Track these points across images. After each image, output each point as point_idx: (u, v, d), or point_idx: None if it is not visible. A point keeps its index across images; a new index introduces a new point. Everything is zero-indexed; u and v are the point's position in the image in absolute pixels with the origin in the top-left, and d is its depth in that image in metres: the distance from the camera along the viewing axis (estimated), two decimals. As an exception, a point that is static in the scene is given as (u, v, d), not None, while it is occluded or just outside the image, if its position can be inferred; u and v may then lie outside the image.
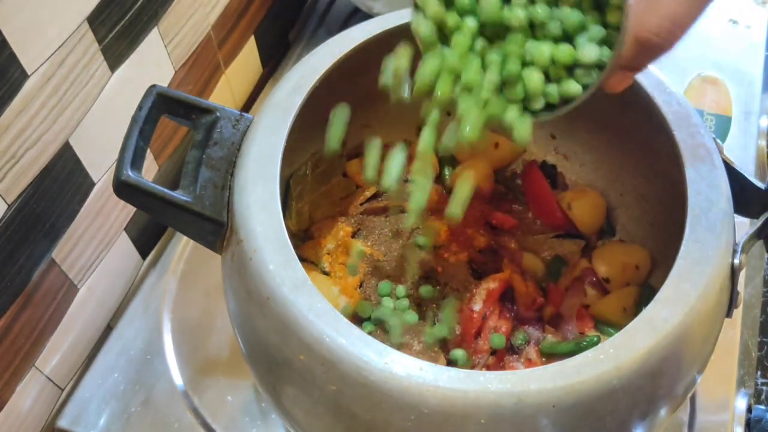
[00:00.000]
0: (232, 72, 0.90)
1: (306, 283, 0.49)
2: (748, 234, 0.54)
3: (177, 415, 0.70)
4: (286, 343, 0.49)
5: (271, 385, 0.53)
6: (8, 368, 0.65)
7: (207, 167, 0.55)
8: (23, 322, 0.65)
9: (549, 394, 0.45)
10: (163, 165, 0.80)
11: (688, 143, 0.56)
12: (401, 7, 0.65)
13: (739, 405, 0.70)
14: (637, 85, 0.59)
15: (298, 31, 1.04)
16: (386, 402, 0.46)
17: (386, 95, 0.53)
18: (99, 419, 0.70)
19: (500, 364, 0.63)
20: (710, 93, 0.94)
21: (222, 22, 0.84)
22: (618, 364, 0.46)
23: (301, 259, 0.51)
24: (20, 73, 0.57)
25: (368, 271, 0.67)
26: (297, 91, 0.58)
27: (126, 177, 0.53)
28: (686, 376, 0.52)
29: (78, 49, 0.63)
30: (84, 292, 0.73)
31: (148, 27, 0.71)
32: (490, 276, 0.65)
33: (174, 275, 0.79)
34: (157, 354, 0.74)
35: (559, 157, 0.76)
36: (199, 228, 0.55)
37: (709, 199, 0.53)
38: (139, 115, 0.55)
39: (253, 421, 0.70)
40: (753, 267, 0.82)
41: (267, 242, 0.51)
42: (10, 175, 0.59)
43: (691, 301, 0.49)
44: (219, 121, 0.57)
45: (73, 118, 0.65)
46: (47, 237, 0.66)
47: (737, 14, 1.02)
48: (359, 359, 0.46)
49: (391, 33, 0.62)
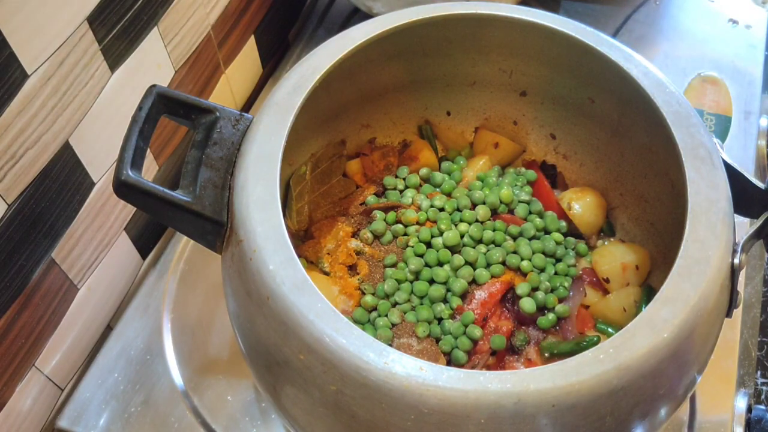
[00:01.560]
0: (232, 72, 0.90)
1: (306, 283, 0.49)
2: (748, 234, 0.54)
3: (177, 415, 0.70)
4: (286, 343, 0.49)
5: (271, 385, 0.53)
6: (8, 368, 0.65)
7: (207, 167, 0.55)
8: (23, 322, 0.65)
9: (549, 394, 0.45)
10: (163, 165, 0.81)
11: (688, 143, 0.56)
12: (401, 7, 0.65)
13: (739, 405, 0.70)
14: (637, 85, 0.59)
15: (298, 31, 1.04)
16: (386, 402, 0.46)
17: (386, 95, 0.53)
18: (99, 419, 0.70)
19: (500, 364, 0.63)
20: (710, 93, 0.94)
21: (222, 22, 0.84)
22: (618, 364, 0.46)
23: (301, 259, 0.51)
24: (20, 73, 0.57)
25: (368, 271, 0.67)
26: (297, 91, 0.58)
27: (126, 177, 0.53)
28: (686, 376, 0.52)
29: (78, 49, 0.63)
30: (84, 292, 0.73)
31: (148, 27, 0.71)
32: (492, 278, 0.65)
33: (174, 275, 0.79)
34: (157, 354, 0.74)
35: (559, 157, 0.76)
36: (199, 228, 0.55)
37: (709, 199, 0.53)
38: (139, 115, 0.55)
39: (253, 421, 0.70)
40: (753, 267, 0.82)
41: (267, 242, 0.51)
42: (10, 175, 0.59)
43: (691, 301, 0.49)
44: (219, 121, 0.57)
45: (73, 118, 0.65)
46: (47, 237, 0.66)
47: (737, 14, 1.02)
48: (359, 359, 0.46)
49: (391, 33, 0.62)
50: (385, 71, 0.71)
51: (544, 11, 0.65)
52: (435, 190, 0.72)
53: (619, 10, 1.04)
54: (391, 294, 0.64)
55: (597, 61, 0.62)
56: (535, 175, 0.73)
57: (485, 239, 0.67)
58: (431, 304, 0.64)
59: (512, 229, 0.68)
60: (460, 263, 0.65)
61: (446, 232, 0.66)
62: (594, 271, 0.69)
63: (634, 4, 1.05)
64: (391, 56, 0.70)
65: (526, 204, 0.70)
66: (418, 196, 0.70)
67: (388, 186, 0.72)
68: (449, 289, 0.64)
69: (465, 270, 0.65)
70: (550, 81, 0.71)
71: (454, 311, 0.63)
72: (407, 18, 0.63)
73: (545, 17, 0.64)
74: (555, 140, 0.75)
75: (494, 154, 0.75)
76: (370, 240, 0.68)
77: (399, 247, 0.67)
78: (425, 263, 0.65)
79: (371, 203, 0.71)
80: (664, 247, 0.67)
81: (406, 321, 0.63)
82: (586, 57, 0.63)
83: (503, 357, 0.63)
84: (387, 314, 0.63)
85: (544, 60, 0.69)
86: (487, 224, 0.68)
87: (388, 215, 0.69)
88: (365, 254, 0.67)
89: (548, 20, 0.64)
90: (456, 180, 0.72)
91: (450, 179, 0.72)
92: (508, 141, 0.75)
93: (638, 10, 1.04)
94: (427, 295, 0.64)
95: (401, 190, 0.72)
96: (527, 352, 0.63)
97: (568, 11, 1.03)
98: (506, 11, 0.65)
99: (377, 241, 0.68)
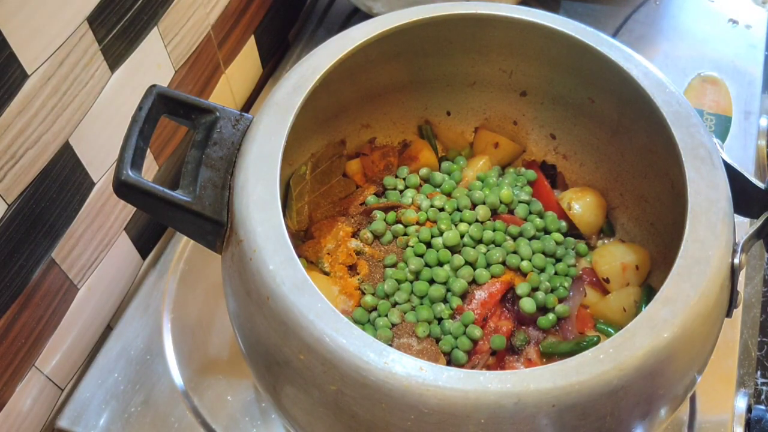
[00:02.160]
0: (232, 72, 0.90)
1: (306, 283, 0.49)
2: (748, 234, 0.54)
3: (177, 415, 0.70)
4: (286, 343, 0.49)
5: (271, 385, 0.53)
6: (8, 368, 0.65)
7: (207, 167, 0.55)
8: (23, 322, 0.65)
9: (549, 394, 0.45)
10: (163, 165, 0.80)
11: (688, 143, 0.56)
12: (401, 7, 0.65)
13: (739, 405, 0.70)
14: (637, 85, 0.59)
15: (298, 31, 1.04)
16: (386, 402, 0.46)
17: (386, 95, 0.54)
18: (99, 419, 0.70)
19: (500, 364, 0.63)
20: (710, 93, 0.94)
21: (222, 22, 0.84)
22: (618, 364, 0.46)
23: (301, 259, 0.51)
24: (20, 73, 0.57)
25: (368, 271, 0.67)
26: (297, 91, 0.58)
27: (126, 177, 0.53)
28: (686, 376, 0.52)
29: (78, 49, 0.63)
30: (84, 292, 0.73)
31: (148, 27, 0.71)
32: (492, 278, 0.65)
33: (174, 275, 0.79)
34: (157, 354, 0.74)
35: (559, 157, 0.76)
36: (199, 228, 0.55)
37: (709, 199, 0.53)
38: (139, 115, 0.55)
39: (253, 421, 0.70)
40: (753, 267, 0.82)
41: (267, 242, 0.51)
42: (10, 175, 0.59)
43: (691, 301, 0.49)
44: (219, 121, 0.57)
45: (73, 118, 0.65)
46: (47, 237, 0.66)
47: (737, 14, 1.02)
48: (359, 359, 0.46)
49: (391, 33, 0.62)
50: (385, 71, 0.71)
51: (544, 11, 0.65)
52: (435, 190, 0.72)
53: (619, 10, 1.04)
54: (391, 294, 0.64)
55: (597, 61, 0.62)
56: (535, 175, 0.73)
57: (485, 239, 0.67)
58: (431, 304, 0.64)
59: (512, 229, 0.68)
60: (460, 263, 0.65)
61: (446, 232, 0.66)
62: (594, 271, 0.69)
63: (634, 4, 1.05)
64: (391, 56, 0.70)
65: (526, 204, 0.70)
66: (418, 196, 0.70)
67: (388, 186, 0.72)
68: (449, 289, 0.64)
69: (465, 270, 0.65)
70: (550, 81, 0.71)
71: (454, 311, 0.63)
72: (407, 18, 0.63)
73: (545, 17, 0.64)
74: (555, 140, 0.75)
75: (494, 154, 0.75)
76: (370, 240, 0.68)
77: (399, 247, 0.67)
78: (425, 263, 0.65)
79: (371, 203, 0.71)
80: (664, 247, 0.67)
81: (406, 321, 0.63)
82: (586, 57, 0.63)
83: (503, 357, 0.63)
84: (387, 314, 0.63)
85: (544, 60, 0.69)
86: (487, 224, 0.68)
87: (388, 215, 0.69)
88: (365, 254, 0.67)
89: (548, 20, 0.64)
90: (456, 180, 0.72)
91: (450, 179, 0.72)
92: (508, 141, 0.75)
93: (638, 10, 1.04)
94: (427, 295, 0.64)
95: (401, 190, 0.72)
96: (527, 352, 0.63)
97: (568, 11, 1.03)
98: (506, 11, 0.65)
99: (377, 241, 0.68)
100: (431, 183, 0.72)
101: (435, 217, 0.68)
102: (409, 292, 0.64)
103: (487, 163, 0.74)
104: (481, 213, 0.68)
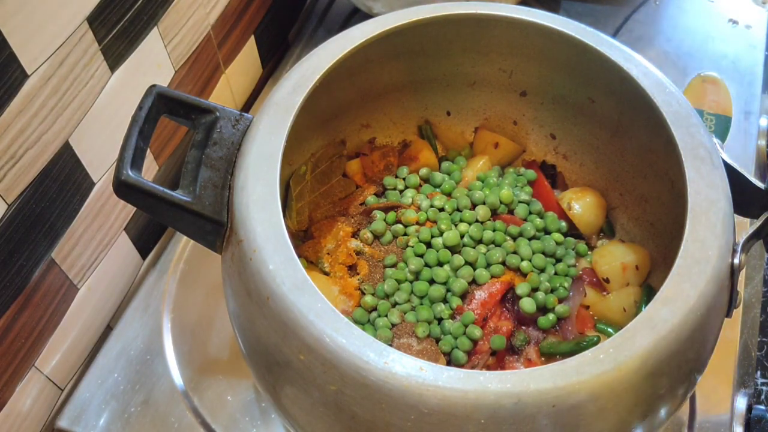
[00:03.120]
0: (231, 72, 0.90)
1: (306, 283, 0.49)
2: (748, 234, 0.54)
3: (177, 415, 0.70)
4: (286, 343, 0.49)
5: (271, 385, 0.53)
6: (8, 368, 0.65)
7: (207, 167, 0.55)
8: (23, 322, 0.65)
9: (549, 394, 0.45)
10: (163, 165, 0.81)
11: (687, 143, 0.56)
12: (401, 7, 0.65)
13: (739, 405, 0.70)
14: (637, 85, 0.59)
15: (298, 31, 1.04)
16: (386, 402, 0.46)
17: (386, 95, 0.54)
18: (99, 419, 0.70)
19: (500, 364, 0.63)
20: (710, 93, 0.94)
21: (222, 22, 0.85)
22: (618, 364, 0.46)
23: (301, 259, 0.51)
24: (20, 73, 0.57)
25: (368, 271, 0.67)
26: (297, 91, 0.58)
27: (126, 177, 0.53)
28: (686, 376, 0.52)
29: (78, 49, 0.63)
30: (84, 292, 0.73)
31: (148, 27, 0.71)
32: (492, 279, 0.65)
33: (174, 275, 0.79)
34: (157, 354, 0.74)
35: (559, 157, 0.76)
36: (199, 228, 0.55)
37: (709, 199, 0.53)
38: (139, 115, 0.55)
39: (253, 421, 0.70)
40: (753, 267, 0.82)
41: (267, 242, 0.51)
42: (10, 175, 0.59)
43: (691, 301, 0.49)
44: (219, 121, 0.57)
45: (73, 118, 0.65)
46: (47, 237, 0.66)
47: (737, 14, 1.02)
48: (359, 359, 0.46)
49: (391, 33, 0.62)
50: (385, 71, 0.71)
51: (544, 11, 0.65)
52: (435, 190, 0.72)
53: (619, 10, 1.04)
54: (391, 294, 0.64)
55: (597, 61, 0.62)
56: (535, 175, 0.73)
57: (485, 239, 0.67)
58: (431, 304, 0.64)
59: (512, 229, 0.68)
60: (460, 263, 0.65)
61: (446, 232, 0.66)
62: (594, 271, 0.69)
63: (634, 4, 1.05)
64: (391, 56, 0.70)
65: (526, 204, 0.70)
66: (418, 196, 0.70)
67: (388, 186, 0.72)
68: (449, 289, 0.64)
69: (465, 270, 0.65)
70: (550, 81, 0.71)
71: (454, 311, 0.63)
72: (407, 18, 0.63)
73: (545, 17, 0.64)
74: (555, 140, 0.75)
75: (494, 154, 0.75)
76: (370, 240, 0.68)
77: (399, 247, 0.67)
78: (425, 263, 0.65)
79: (371, 203, 0.71)
80: (664, 247, 0.67)
81: (406, 321, 0.63)
82: (586, 57, 0.63)
83: (503, 357, 0.63)
84: (387, 314, 0.63)
85: (544, 60, 0.69)
86: (487, 224, 0.68)
87: (388, 215, 0.69)
88: (365, 254, 0.67)
89: (548, 20, 0.64)
90: (456, 180, 0.72)
91: (450, 179, 0.72)
92: (508, 141, 0.76)
93: (638, 10, 1.04)
94: (427, 295, 0.64)
95: (401, 190, 0.72)
96: (527, 352, 0.63)
97: (568, 11, 1.03)
98: (506, 11, 0.65)
99: (377, 241, 0.68)
100: (431, 183, 0.72)
101: (435, 217, 0.68)
102: (409, 292, 0.64)
103: (487, 163, 0.74)
104: (481, 213, 0.68)
